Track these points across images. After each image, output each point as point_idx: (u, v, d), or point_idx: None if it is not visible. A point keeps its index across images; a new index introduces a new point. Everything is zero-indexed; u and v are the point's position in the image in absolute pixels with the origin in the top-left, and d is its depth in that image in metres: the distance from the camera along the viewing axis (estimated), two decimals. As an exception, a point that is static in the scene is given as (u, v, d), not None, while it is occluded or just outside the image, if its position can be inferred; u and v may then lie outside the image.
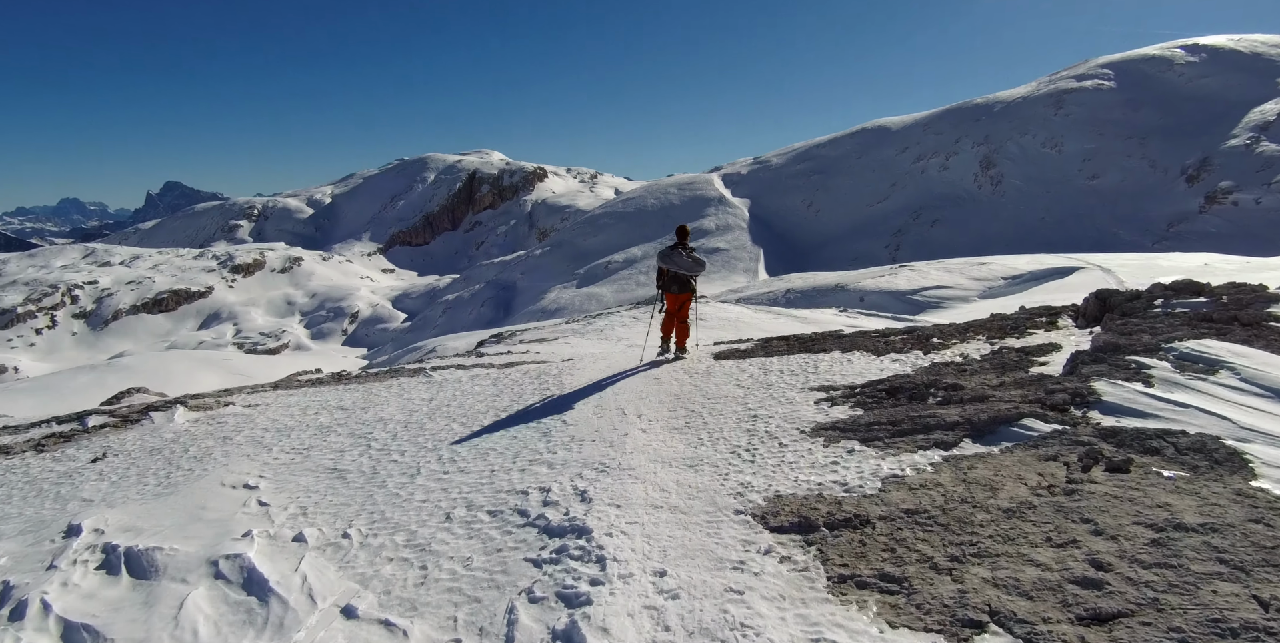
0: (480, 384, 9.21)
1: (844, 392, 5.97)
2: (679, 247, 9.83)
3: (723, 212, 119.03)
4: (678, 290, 9.89)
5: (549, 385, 8.67)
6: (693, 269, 9.81)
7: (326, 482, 5.61)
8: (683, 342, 10.29)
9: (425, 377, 10.21)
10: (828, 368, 7.46)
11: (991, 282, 53.35)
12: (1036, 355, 6.03)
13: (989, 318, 9.39)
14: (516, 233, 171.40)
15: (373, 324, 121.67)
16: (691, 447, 5.23)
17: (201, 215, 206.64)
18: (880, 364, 7.19)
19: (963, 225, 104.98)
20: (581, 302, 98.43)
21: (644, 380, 8.18)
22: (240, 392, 11.14)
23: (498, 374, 9.85)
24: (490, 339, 39.69)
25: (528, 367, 10.41)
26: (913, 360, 7.11)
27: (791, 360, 8.23)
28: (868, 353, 7.96)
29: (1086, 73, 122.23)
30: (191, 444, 7.39)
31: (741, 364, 8.52)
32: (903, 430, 4.67)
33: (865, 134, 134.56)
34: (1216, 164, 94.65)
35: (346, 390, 9.75)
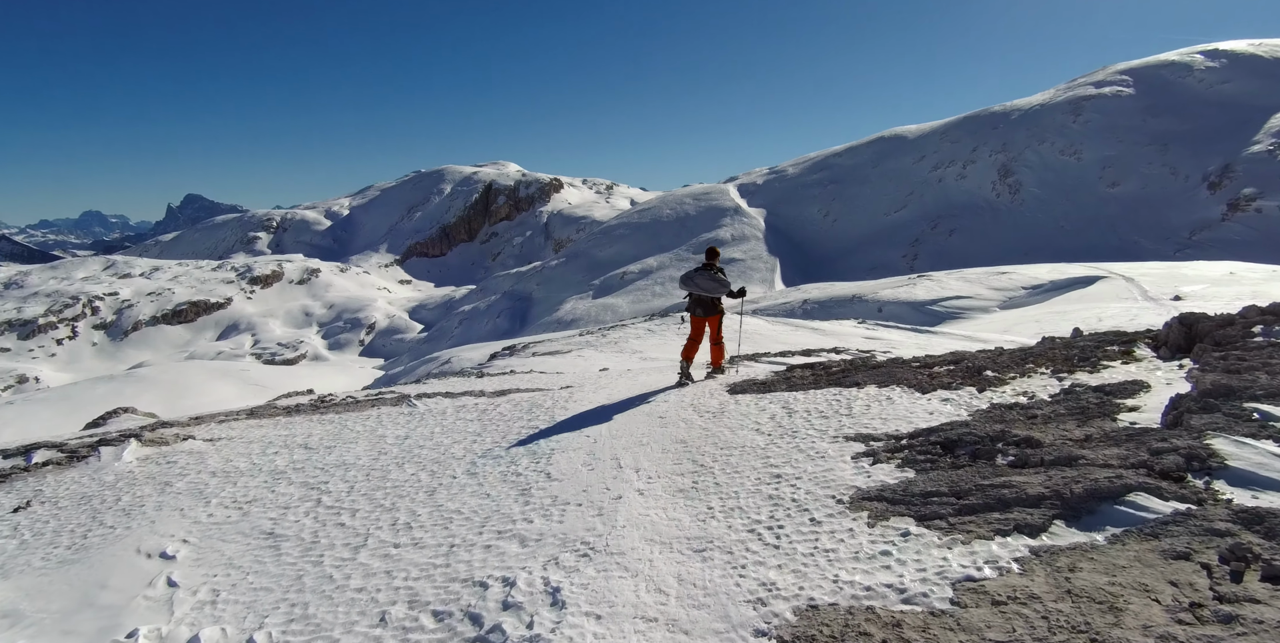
0: (464, 418, 8.27)
1: (887, 444, 4.87)
2: (704, 268, 9.49)
3: (738, 222, 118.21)
4: (702, 313, 9.54)
5: (539, 422, 7.71)
6: (714, 290, 9.37)
7: (256, 553, 4.62)
8: (718, 361, 10.12)
9: (408, 406, 9.27)
10: (864, 409, 6.38)
11: (1012, 291, 52.12)
12: (1121, 397, 4.92)
13: (1047, 344, 8.12)
14: (532, 244, 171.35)
15: (389, 335, 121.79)
16: (699, 520, 4.17)
17: (221, 227, 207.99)
18: (928, 405, 6.11)
19: (981, 234, 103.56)
20: (597, 312, 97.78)
21: (647, 420, 7.18)
22: (211, 420, 10.22)
23: (486, 405, 8.91)
24: (503, 352, 38.87)
25: (520, 397, 9.45)
26: (967, 400, 6.03)
27: (820, 397, 7.12)
28: (910, 389, 6.78)
29: (1105, 79, 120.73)
30: (126, 492, 6.42)
31: (761, 401, 7.45)
32: (971, 506, 3.60)
33: (881, 143, 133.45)
34: (1239, 170, 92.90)
35: (319, 423, 8.81)
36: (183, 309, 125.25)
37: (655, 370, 12.57)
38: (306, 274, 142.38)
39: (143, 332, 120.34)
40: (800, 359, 22.52)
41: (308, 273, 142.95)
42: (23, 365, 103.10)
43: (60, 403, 42.16)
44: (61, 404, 41.84)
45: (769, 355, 23.20)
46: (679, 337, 33.61)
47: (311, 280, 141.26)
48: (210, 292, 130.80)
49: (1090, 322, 34.54)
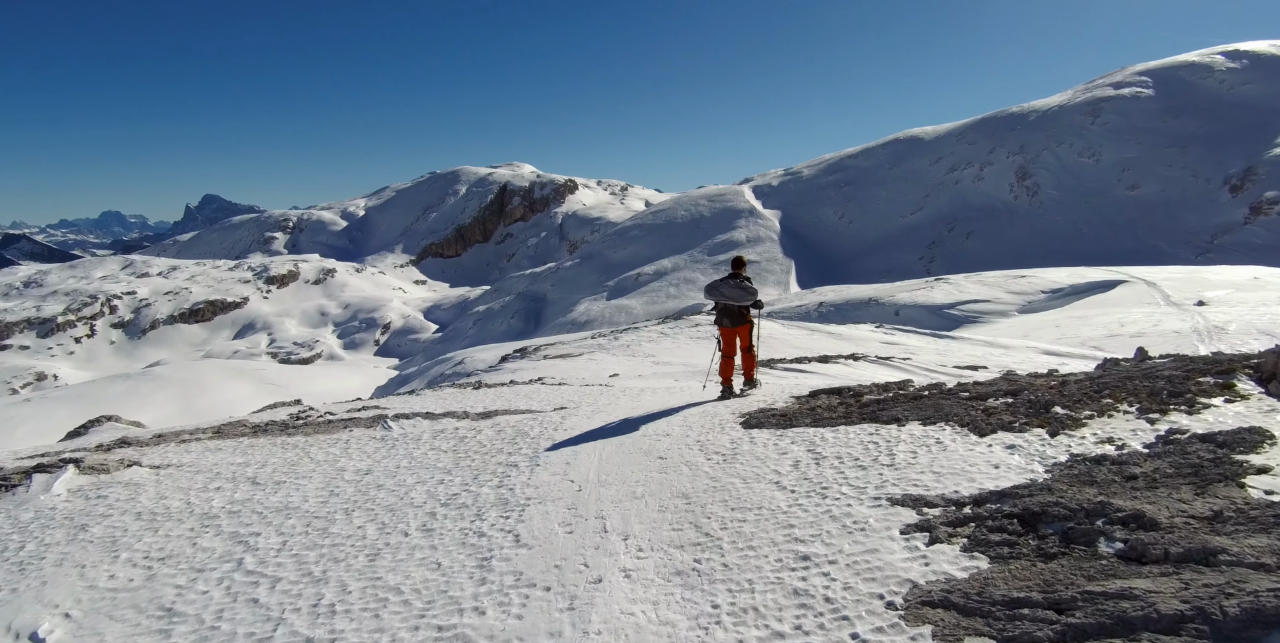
0: (438, 448, 7.36)
1: (946, 512, 3.77)
2: (730, 277, 9.19)
3: (753, 223, 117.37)
4: (730, 324, 9.22)
5: (520, 457, 6.78)
6: (741, 299, 9.05)
7: (140, 640, 3.67)
8: (749, 372, 9.60)
9: (383, 428, 8.42)
10: (910, 457, 5.24)
11: (1031, 295, 50.99)
12: (1242, 452, 3.80)
13: (1116, 371, 6.87)
14: (547, 245, 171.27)
15: (404, 335, 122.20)
16: (699, 627, 3.07)
17: (238, 228, 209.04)
18: (990, 453, 5.00)
19: (998, 237, 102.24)
20: (611, 314, 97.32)
21: (644, 462, 6.18)
22: (173, 439, 9.31)
23: (467, 431, 8.01)
24: (514, 354, 38.03)
25: (507, 420, 8.52)
26: (1038, 447, 4.97)
27: (853, 438, 6.01)
28: (963, 429, 5.61)
29: (1124, 80, 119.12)
30: (35, 537, 5.46)
31: (781, 439, 6.34)
32: (1080, 628, 2.52)
33: (897, 144, 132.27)
34: (1261, 173, 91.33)
35: (282, 447, 7.92)
36: (200, 308, 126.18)
37: (661, 389, 11.64)
38: (322, 274, 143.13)
39: (160, 330, 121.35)
40: (817, 366, 21.36)
41: (324, 273, 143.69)
42: (41, 363, 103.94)
43: (76, 401, 41.93)
44: (77, 402, 41.60)
45: (784, 361, 22.14)
46: (692, 341, 32.61)
47: (327, 280, 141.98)
48: (227, 291, 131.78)
49: (1113, 327, 33.37)
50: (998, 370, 21.74)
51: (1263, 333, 27.94)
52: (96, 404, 41.19)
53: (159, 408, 41.71)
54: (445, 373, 41.92)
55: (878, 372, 19.86)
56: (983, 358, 25.03)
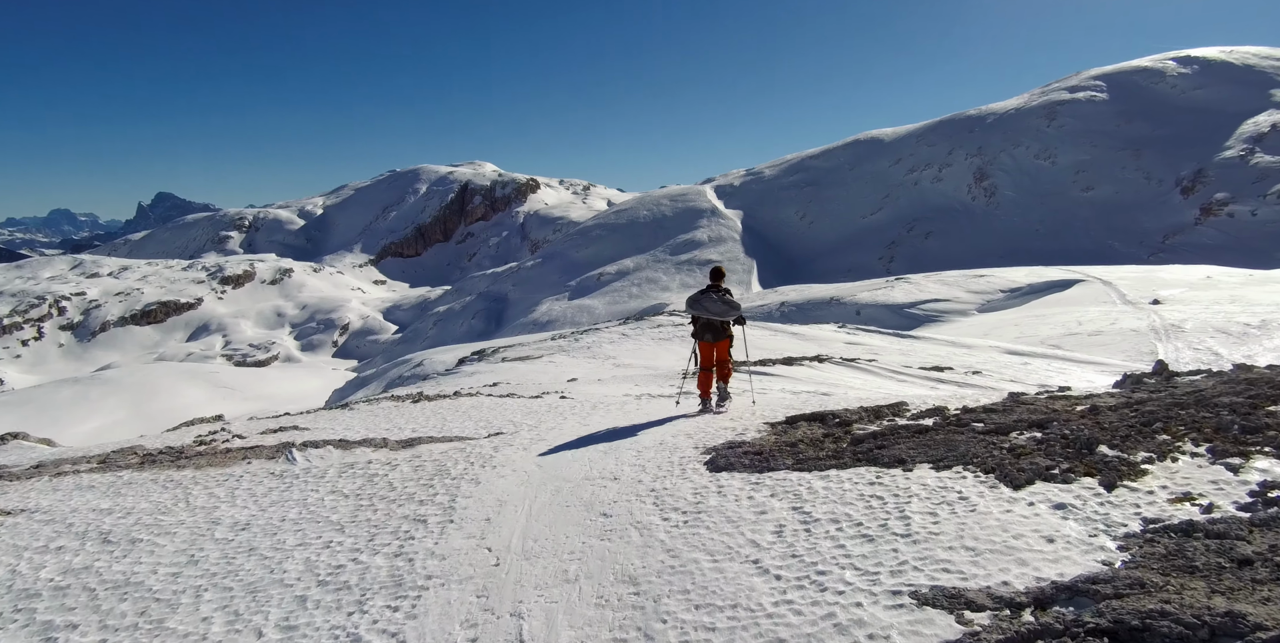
0: (339, 492, 6.22)
1: (998, 619, 2.66)
2: (710, 290, 8.89)
3: (715, 223, 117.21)
4: (711, 339, 8.92)
5: (432, 509, 5.61)
6: (725, 313, 8.78)
7: None
8: (726, 380, 9.21)
9: (285, 461, 7.22)
10: (929, 523, 4.06)
11: (990, 294, 51.09)
12: None
13: (1144, 387, 6.07)
14: (508, 244, 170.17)
15: (363, 336, 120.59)
16: None
17: (192, 226, 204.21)
18: (1035, 517, 3.85)
19: (957, 237, 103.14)
20: (573, 314, 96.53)
21: (583, 521, 4.98)
22: (50, 471, 7.99)
23: (380, 467, 6.85)
24: (472, 357, 36.80)
25: (430, 453, 7.29)
26: (1096, 507, 3.88)
27: (849, 489, 4.76)
28: (989, 477, 4.47)
29: (1079, 84, 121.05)
30: None
31: (758, 490, 5.04)
32: None
33: (858, 145, 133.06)
34: (1211, 176, 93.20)
35: (161, 486, 6.77)
36: (152, 310, 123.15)
37: (614, 402, 10.54)
38: (279, 274, 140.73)
39: (111, 333, 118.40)
40: (782, 368, 20.47)
41: (280, 273, 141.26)
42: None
43: (23, 406, 40.20)
44: (25, 407, 39.85)
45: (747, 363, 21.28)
46: (653, 342, 31.68)
47: (284, 280, 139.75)
48: (180, 292, 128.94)
49: (1071, 326, 33.17)
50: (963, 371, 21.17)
51: (1219, 331, 27.84)
52: (44, 410, 39.47)
53: (109, 414, 40.10)
54: (403, 375, 40.81)
55: (844, 374, 19.12)
56: (946, 358, 24.48)
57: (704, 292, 8.88)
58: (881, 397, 9.45)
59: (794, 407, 8.39)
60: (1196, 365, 23.75)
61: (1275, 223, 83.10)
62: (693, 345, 9.17)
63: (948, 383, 18.63)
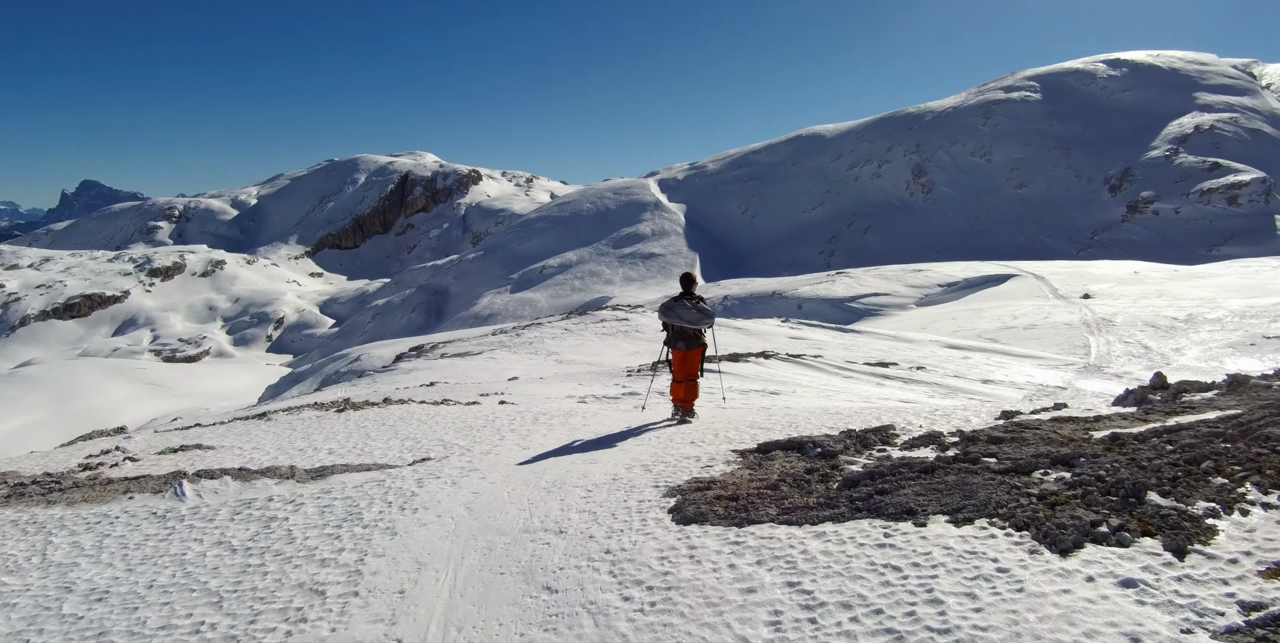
0: (226, 544, 5.22)
1: None
2: (683, 297, 8.76)
3: (659, 217, 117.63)
4: (685, 347, 8.80)
5: (334, 574, 4.61)
6: (699, 321, 8.66)
7: None
8: (690, 403, 8.96)
9: (173, 496, 6.33)
10: (967, 607, 3.30)
11: (928, 289, 52.50)
12: None
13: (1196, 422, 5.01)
14: (450, 236, 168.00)
15: (299, 330, 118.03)
16: None
17: (119, 216, 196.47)
18: (1105, 604, 3.17)
19: (895, 232, 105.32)
20: (515, 307, 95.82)
21: (520, 600, 4.01)
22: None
23: (281, 507, 5.89)
24: (410, 353, 36.43)
25: (343, 486, 6.40)
26: (1172, 584, 3.26)
27: (853, 554, 3.91)
28: (1025, 536, 3.74)
29: (1014, 85, 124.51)
30: None
31: (739, 553, 4.14)
32: None
33: (800, 141, 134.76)
34: (1138, 175, 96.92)
35: (21, 532, 5.85)
36: (76, 303, 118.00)
37: (559, 412, 10.18)
38: (211, 266, 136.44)
39: (31, 327, 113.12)
40: (728, 365, 20.49)
41: (212, 265, 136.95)
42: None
43: None
44: None
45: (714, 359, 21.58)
46: (596, 337, 31.79)
47: (216, 273, 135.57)
48: (106, 284, 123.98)
49: (1006, 320, 34.36)
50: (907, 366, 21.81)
51: (1148, 325, 29.14)
52: (-47, 411, 37.69)
53: (28, 413, 38.54)
54: (340, 370, 40.12)
55: (790, 371, 19.54)
56: (889, 353, 25.14)
57: (676, 299, 8.81)
58: (853, 408, 9.22)
59: (760, 425, 7.84)
60: (1128, 358, 24.89)
61: (1197, 220, 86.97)
62: (664, 353, 9.08)
63: (893, 379, 19.13)
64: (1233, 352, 23.91)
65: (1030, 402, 14.81)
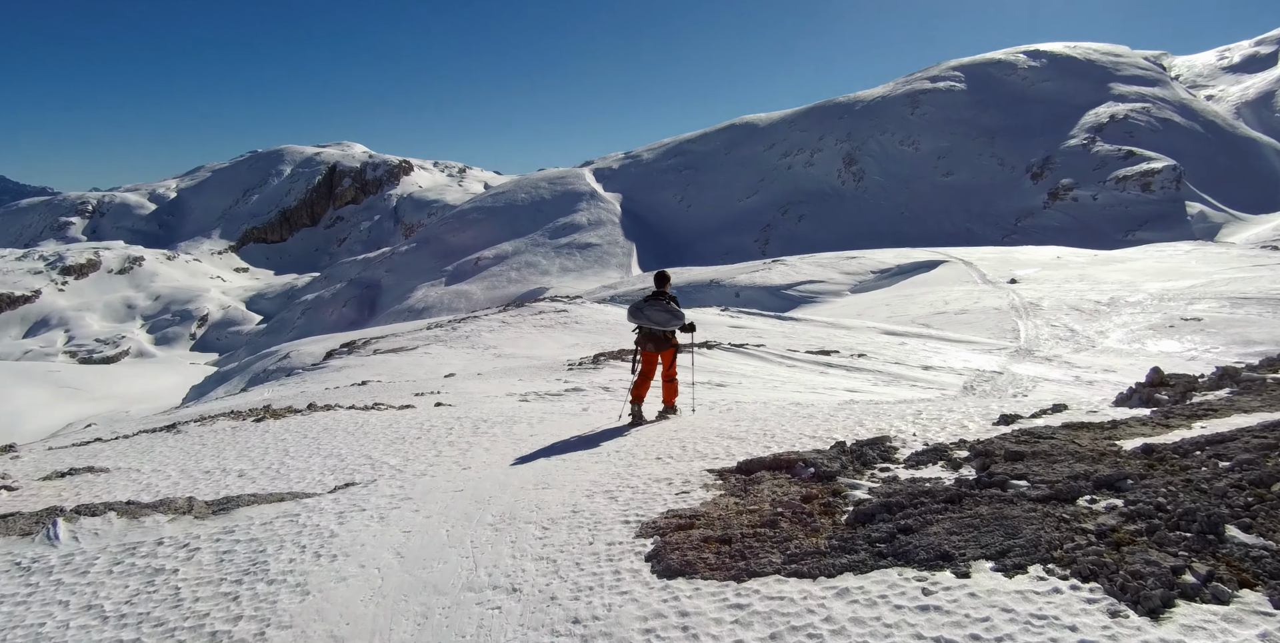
0: (98, 611, 4.03)
1: None
2: (655, 297, 8.56)
3: (594, 206, 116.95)
4: (654, 348, 8.61)
5: None
6: (668, 323, 8.48)
7: None
8: (670, 400, 8.93)
9: (44, 542, 5.09)
10: None
11: (862, 275, 53.08)
12: None
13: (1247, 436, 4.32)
14: (381, 229, 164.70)
15: (224, 327, 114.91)
16: None
17: (27, 212, 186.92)
18: None
19: (828, 220, 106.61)
20: (450, 300, 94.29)
21: None
22: None
23: (170, 556, 4.78)
24: (341, 349, 34.99)
25: (247, 526, 5.21)
26: None
27: (894, 623, 3.03)
28: (1098, 590, 2.96)
29: (939, 75, 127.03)
30: None
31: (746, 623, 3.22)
32: None
33: (734, 130, 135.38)
34: (1058, 163, 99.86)
35: None
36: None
37: (500, 419, 9.34)
38: (128, 263, 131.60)
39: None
40: None
41: (130, 262, 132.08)
42: None
43: None
44: None
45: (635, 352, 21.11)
46: (535, 329, 30.99)
47: (134, 270, 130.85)
48: (15, 284, 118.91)
49: (938, 305, 34.78)
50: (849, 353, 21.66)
51: (1073, 308, 29.72)
52: None
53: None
54: (268, 368, 38.79)
55: (734, 361, 19.11)
56: (828, 340, 25.03)
57: (647, 300, 8.58)
58: (825, 409, 8.48)
59: (731, 434, 7.09)
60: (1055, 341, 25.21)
61: (1114, 207, 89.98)
62: (634, 352, 8.84)
63: (836, 367, 18.86)
64: (1154, 333, 24.42)
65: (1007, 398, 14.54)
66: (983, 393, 14.86)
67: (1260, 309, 25.34)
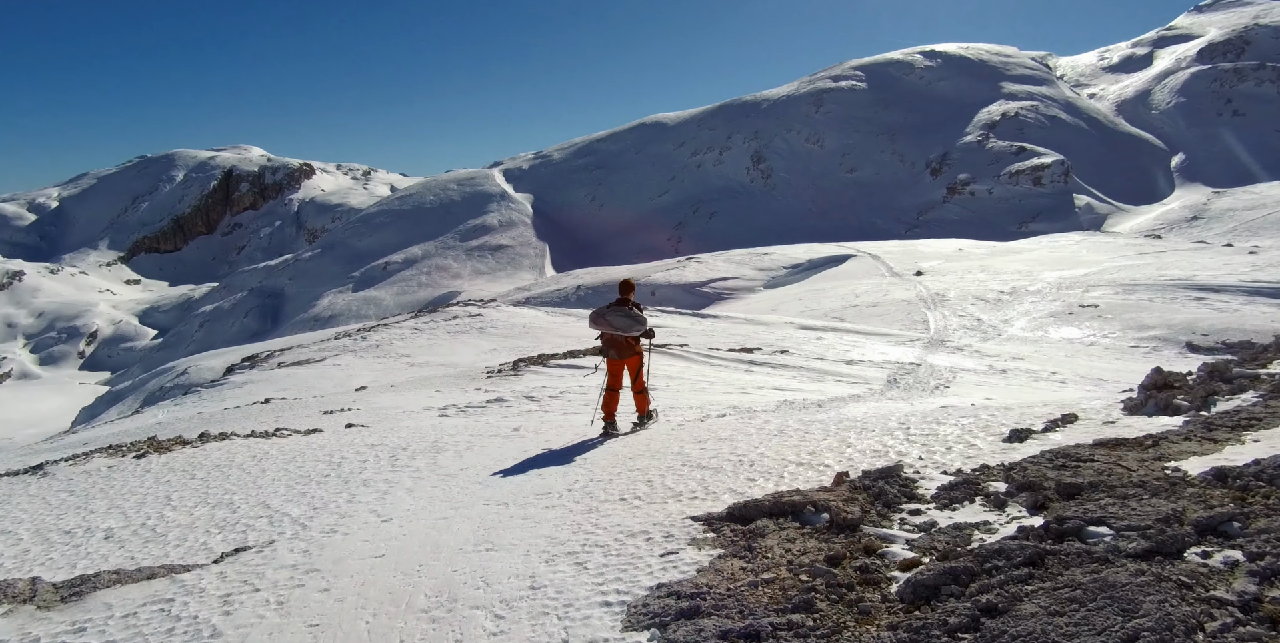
0: None
1: None
2: (617, 304, 8.55)
3: (505, 207, 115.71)
4: (616, 356, 8.55)
5: None
6: (629, 328, 8.38)
7: None
8: (643, 409, 8.83)
9: None
10: None
11: (774, 272, 53.87)
12: None
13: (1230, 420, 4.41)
14: (282, 235, 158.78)
15: (116, 344, 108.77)
16: None
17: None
18: None
19: (739, 217, 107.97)
20: (359, 307, 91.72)
21: None
22: None
23: None
24: (243, 363, 33.41)
25: (103, 623, 4.03)
26: None
27: None
28: None
29: (842, 74, 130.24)
30: None
31: None
32: None
33: (643, 129, 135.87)
34: (955, 159, 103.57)
35: None
36: None
37: (424, 452, 8.36)
38: (6, 278, 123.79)
39: None
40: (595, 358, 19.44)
41: (8, 277, 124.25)
42: None
43: None
44: None
45: (557, 357, 20.67)
46: (449, 335, 30.17)
47: (13, 285, 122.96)
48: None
49: (849, 299, 35.51)
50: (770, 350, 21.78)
51: (977, 299, 30.71)
52: None
53: None
54: (165, 386, 36.98)
55: (657, 362, 18.77)
56: (748, 337, 25.14)
57: (609, 306, 8.51)
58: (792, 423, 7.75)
59: (699, 461, 6.13)
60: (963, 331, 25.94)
61: (1008, 200, 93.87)
62: (597, 362, 8.85)
63: (760, 364, 18.82)
64: (1055, 321, 25.43)
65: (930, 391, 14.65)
66: (906, 386, 15.01)
67: (1150, 295, 26.60)
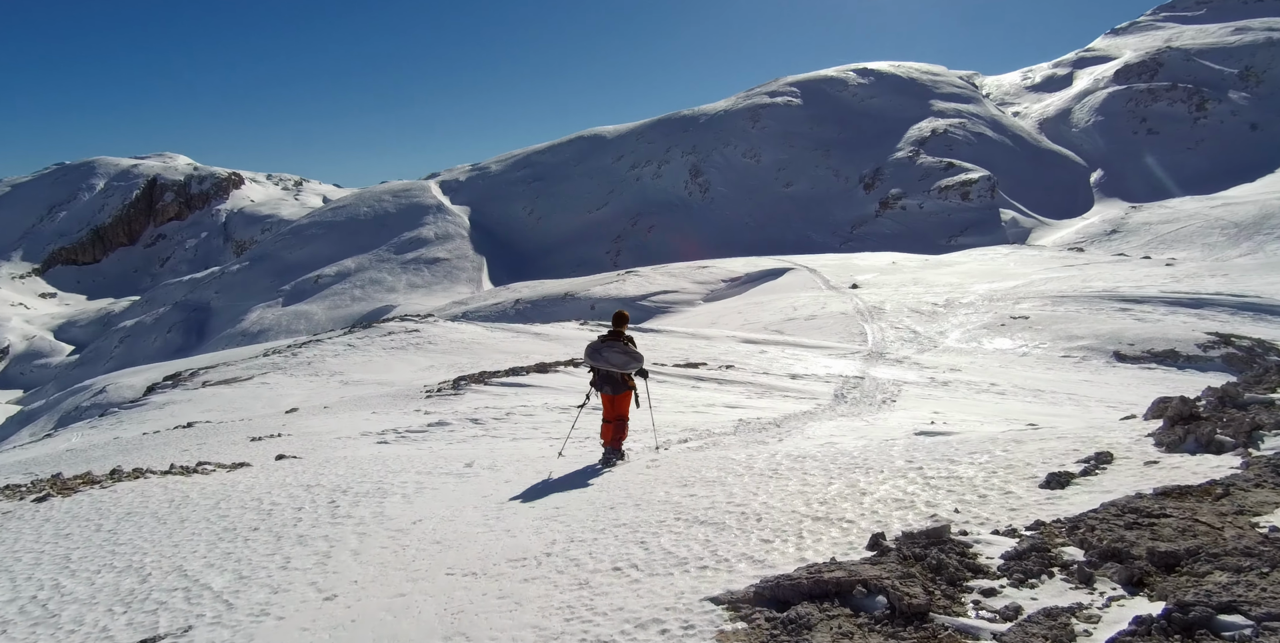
0: None
1: None
2: (611, 337, 8.54)
3: (442, 220, 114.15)
4: (611, 392, 8.51)
5: None
6: (625, 366, 8.41)
7: None
8: (619, 443, 8.63)
9: None
10: None
11: (713, 285, 54.19)
12: None
13: None
14: (209, 246, 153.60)
15: (29, 360, 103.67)
16: None
17: None
18: None
19: (677, 230, 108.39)
20: (289, 322, 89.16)
21: None
22: None
23: None
24: (165, 382, 31.99)
25: None
26: None
27: None
28: None
29: (777, 90, 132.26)
30: None
31: None
32: None
33: (582, 142, 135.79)
34: (887, 174, 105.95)
35: None
36: None
37: (368, 496, 7.52)
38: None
39: None
40: (537, 376, 18.99)
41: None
42: None
43: None
44: None
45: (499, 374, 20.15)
46: (385, 352, 29.37)
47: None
48: None
49: (788, 312, 35.82)
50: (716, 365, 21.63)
51: (913, 311, 31.25)
52: None
53: None
54: (81, 406, 35.43)
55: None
56: (691, 351, 25.02)
57: (604, 340, 8.49)
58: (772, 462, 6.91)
59: (692, 514, 5.36)
60: (901, 343, 26.28)
61: (938, 214, 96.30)
62: (589, 395, 8.80)
63: (706, 380, 18.65)
64: (988, 332, 25.95)
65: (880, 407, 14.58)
66: (854, 401, 15.01)
67: (1078, 307, 27.35)
